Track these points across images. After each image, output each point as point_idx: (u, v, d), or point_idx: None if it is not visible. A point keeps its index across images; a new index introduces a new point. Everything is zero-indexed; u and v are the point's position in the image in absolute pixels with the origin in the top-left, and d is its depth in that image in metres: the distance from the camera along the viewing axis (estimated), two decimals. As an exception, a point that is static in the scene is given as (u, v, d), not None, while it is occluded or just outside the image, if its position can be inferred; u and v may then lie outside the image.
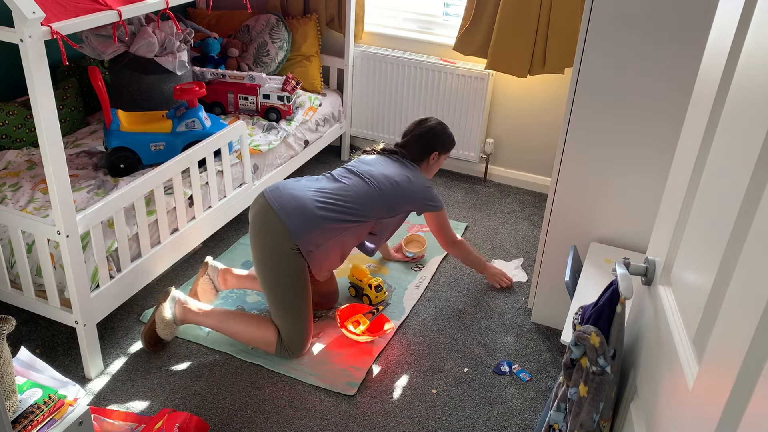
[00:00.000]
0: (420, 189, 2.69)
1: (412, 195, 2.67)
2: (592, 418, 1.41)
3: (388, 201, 2.58)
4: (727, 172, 1.04)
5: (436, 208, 2.76)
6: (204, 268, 2.75)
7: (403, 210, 2.68)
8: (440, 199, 2.78)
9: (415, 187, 2.67)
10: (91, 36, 2.99)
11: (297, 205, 2.42)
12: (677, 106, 2.18)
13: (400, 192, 2.63)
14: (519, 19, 3.38)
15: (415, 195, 2.68)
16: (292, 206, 2.42)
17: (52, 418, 1.71)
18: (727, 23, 1.15)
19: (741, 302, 0.91)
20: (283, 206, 2.41)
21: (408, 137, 2.82)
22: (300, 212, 2.41)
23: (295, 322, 2.47)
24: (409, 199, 2.67)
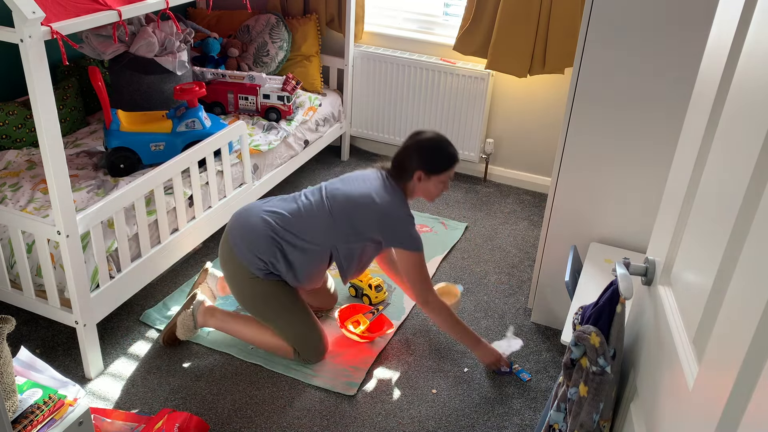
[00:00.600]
0: (384, 212, 2.32)
1: (370, 217, 2.33)
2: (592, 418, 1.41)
3: (341, 225, 2.34)
4: (727, 172, 1.04)
5: (405, 246, 2.35)
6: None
7: (366, 237, 2.36)
8: (415, 238, 2.35)
9: (378, 208, 2.32)
10: (91, 36, 2.99)
11: (245, 228, 2.37)
12: (677, 105, 2.18)
13: (356, 213, 2.33)
14: (519, 19, 3.38)
15: (375, 218, 2.32)
16: (240, 232, 2.37)
17: (52, 418, 1.71)
18: (727, 23, 1.15)
19: (741, 302, 0.91)
20: (232, 232, 2.39)
21: (396, 152, 2.48)
22: (246, 235, 2.35)
23: (297, 334, 2.46)
24: (367, 222, 2.33)
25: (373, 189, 2.36)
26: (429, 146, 2.40)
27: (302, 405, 2.35)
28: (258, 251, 2.34)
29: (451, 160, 2.42)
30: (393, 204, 2.34)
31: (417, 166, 2.38)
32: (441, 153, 2.41)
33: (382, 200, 2.33)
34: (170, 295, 2.84)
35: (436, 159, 2.39)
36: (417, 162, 2.38)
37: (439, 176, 2.40)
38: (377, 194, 2.34)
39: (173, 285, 2.91)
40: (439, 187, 2.43)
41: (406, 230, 2.35)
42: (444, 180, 2.43)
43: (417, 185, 2.41)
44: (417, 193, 2.45)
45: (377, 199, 2.33)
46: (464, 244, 3.35)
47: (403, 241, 2.35)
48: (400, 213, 2.35)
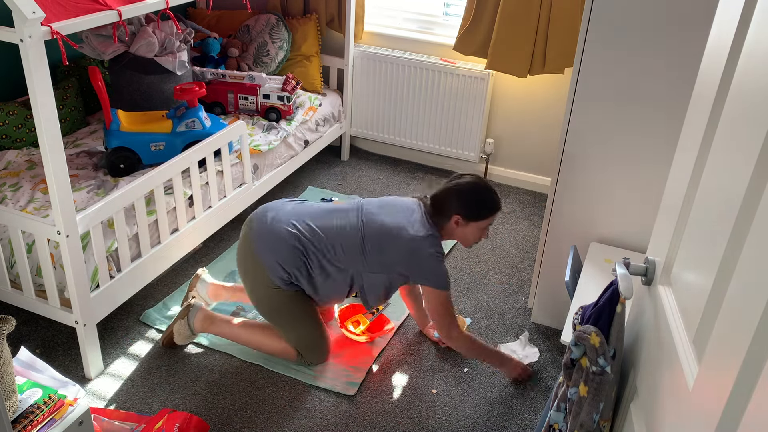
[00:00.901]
0: (414, 247, 2.26)
1: (400, 251, 2.26)
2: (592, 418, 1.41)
3: (371, 253, 2.28)
4: (727, 172, 1.04)
5: (432, 283, 2.29)
6: (195, 280, 2.68)
7: (394, 270, 2.31)
8: (442, 276, 2.29)
9: (409, 243, 2.25)
10: (91, 36, 2.99)
11: (272, 235, 2.32)
12: (677, 105, 2.18)
13: (387, 244, 2.27)
14: (519, 19, 3.38)
15: (404, 252, 2.26)
16: (267, 237, 2.32)
17: (52, 418, 1.71)
18: (727, 23, 1.15)
19: (741, 302, 0.91)
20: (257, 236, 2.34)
21: (435, 191, 2.40)
22: (273, 243, 2.31)
23: (301, 336, 2.44)
24: (396, 255, 2.27)
25: (409, 222, 2.29)
26: (470, 191, 2.34)
27: (302, 405, 2.35)
28: (282, 261, 2.30)
29: (492, 209, 2.35)
30: (425, 240, 2.27)
31: (455, 210, 2.32)
32: (482, 199, 2.34)
33: (415, 235, 2.27)
34: (170, 295, 2.84)
35: (477, 205, 2.33)
36: (456, 206, 2.32)
37: (478, 223, 2.34)
38: (412, 227, 2.28)
39: (173, 285, 2.91)
40: (477, 234, 2.37)
41: (433, 267, 2.28)
42: (483, 227, 2.36)
43: (454, 229, 2.35)
44: (454, 236, 2.39)
45: (411, 231, 2.27)
46: (464, 244, 3.35)
47: (429, 278, 2.29)
48: (431, 250, 2.27)
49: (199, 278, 2.70)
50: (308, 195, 3.72)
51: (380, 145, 4.24)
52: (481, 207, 2.33)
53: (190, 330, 2.50)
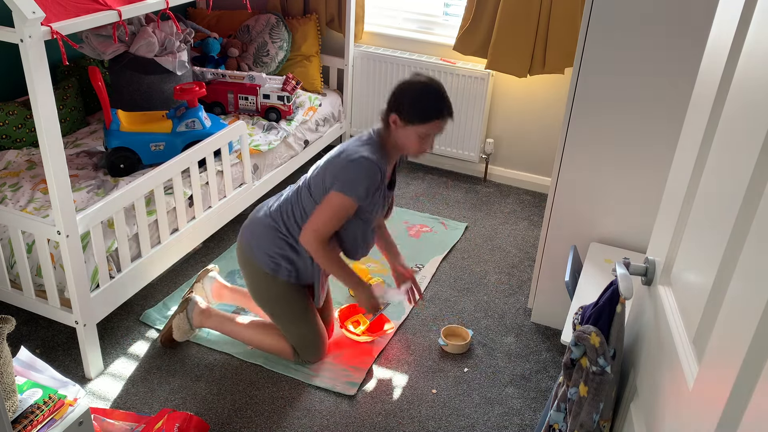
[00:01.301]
0: (345, 156, 2.13)
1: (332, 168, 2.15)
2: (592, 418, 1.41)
3: (317, 195, 2.20)
4: (727, 172, 1.04)
5: (337, 183, 2.12)
6: (203, 273, 2.69)
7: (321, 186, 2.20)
8: (353, 180, 2.09)
9: (341, 156, 2.15)
10: (91, 36, 2.99)
11: (252, 225, 2.38)
12: (677, 106, 2.18)
13: (326, 173, 2.17)
14: (519, 19, 3.38)
15: (335, 166, 2.14)
16: (249, 230, 2.38)
17: (52, 418, 1.71)
18: (727, 23, 1.15)
19: (741, 302, 0.91)
20: (242, 232, 2.41)
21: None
22: (254, 232, 2.36)
23: (299, 333, 2.45)
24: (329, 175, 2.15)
25: (348, 146, 2.17)
26: (412, 90, 2.10)
27: (302, 405, 2.35)
28: (266, 245, 2.33)
29: (432, 112, 2.07)
30: (357, 147, 2.12)
31: (393, 108, 2.11)
32: (423, 100, 2.08)
33: (348, 147, 2.13)
34: (170, 295, 2.84)
35: (415, 105, 2.08)
36: (394, 103, 2.11)
37: (416, 127, 2.09)
38: (348, 146, 2.15)
39: (173, 285, 2.91)
40: (416, 141, 2.11)
41: (348, 168, 2.09)
42: (423, 134, 2.10)
43: (393, 132, 2.13)
44: (396, 142, 2.16)
45: (346, 148, 2.14)
46: (464, 244, 3.35)
47: (337, 177, 2.11)
48: (356, 154, 2.09)
49: (208, 273, 2.70)
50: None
51: (380, 145, 4.24)
52: (419, 108, 2.07)
53: (189, 324, 2.50)
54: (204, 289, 2.67)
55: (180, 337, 2.52)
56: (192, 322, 2.51)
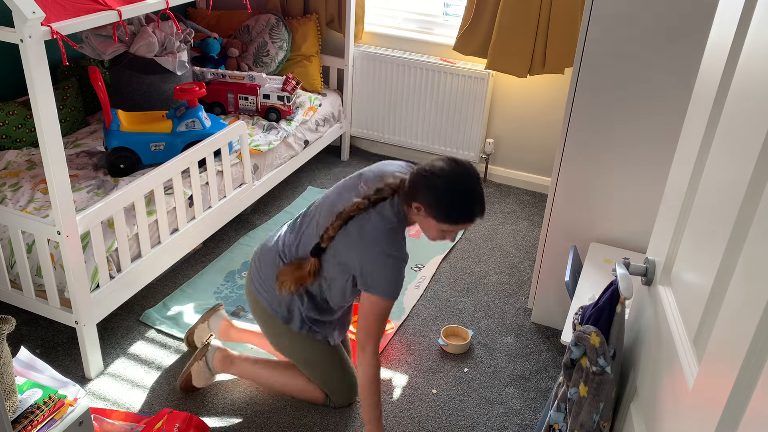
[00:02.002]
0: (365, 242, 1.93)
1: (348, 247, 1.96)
2: (592, 418, 1.41)
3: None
4: (727, 172, 1.04)
5: (378, 289, 1.94)
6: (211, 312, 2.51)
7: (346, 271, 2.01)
8: (394, 282, 1.95)
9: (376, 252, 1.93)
10: (91, 36, 2.99)
11: (262, 273, 2.18)
12: (677, 105, 2.18)
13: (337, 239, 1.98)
14: (519, 19, 3.38)
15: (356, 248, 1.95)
16: (258, 277, 2.19)
17: (52, 418, 1.71)
18: (727, 23, 1.15)
19: (741, 302, 0.91)
20: (252, 279, 2.22)
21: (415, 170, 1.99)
22: (266, 280, 2.16)
23: (326, 378, 2.29)
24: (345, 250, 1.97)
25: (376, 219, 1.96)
26: (447, 183, 1.89)
27: (302, 405, 2.34)
28: (275, 295, 2.15)
29: (466, 216, 1.90)
30: (383, 236, 1.93)
31: (416, 195, 1.91)
32: (458, 200, 1.90)
33: (377, 228, 1.93)
34: (170, 295, 2.84)
35: (448, 205, 1.90)
36: (420, 191, 1.90)
37: (441, 224, 1.92)
38: (376, 225, 1.94)
39: (173, 285, 2.91)
40: (438, 233, 1.96)
41: (384, 270, 1.94)
42: (447, 230, 1.94)
43: (415, 215, 1.96)
44: (414, 221, 2.01)
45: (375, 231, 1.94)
46: (464, 244, 3.35)
47: (377, 282, 1.95)
48: (387, 249, 1.93)
49: (216, 312, 2.54)
50: (308, 195, 3.72)
51: (380, 145, 4.24)
52: (450, 209, 1.90)
53: (210, 371, 2.34)
54: (210, 329, 2.50)
55: (201, 384, 2.34)
56: (213, 370, 2.35)
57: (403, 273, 1.98)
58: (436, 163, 1.91)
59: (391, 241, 1.94)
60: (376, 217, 1.95)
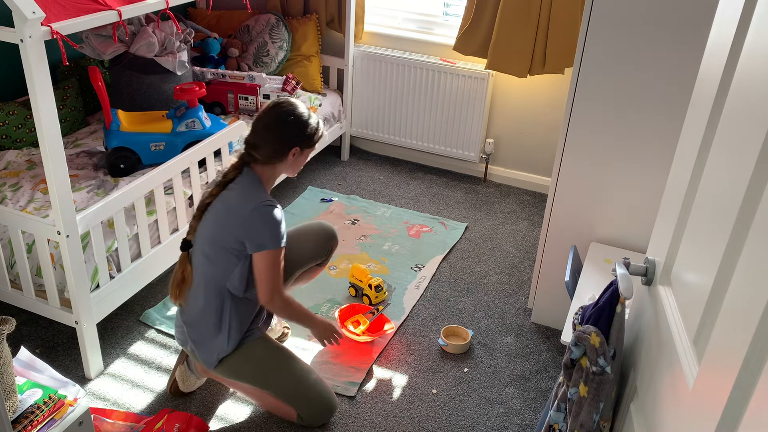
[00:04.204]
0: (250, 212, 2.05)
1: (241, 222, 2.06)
2: (592, 418, 1.41)
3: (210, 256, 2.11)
4: (727, 172, 1.04)
5: (267, 243, 2.06)
6: (182, 355, 2.36)
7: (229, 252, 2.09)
8: (279, 229, 2.07)
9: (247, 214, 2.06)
10: (91, 36, 2.99)
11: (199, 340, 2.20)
12: (677, 105, 2.18)
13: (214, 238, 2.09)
14: (519, 19, 3.38)
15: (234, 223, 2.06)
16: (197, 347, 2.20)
17: (52, 418, 1.71)
18: (727, 23, 1.15)
19: (741, 302, 0.91)
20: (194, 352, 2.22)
21: (258, 130, 2.13)
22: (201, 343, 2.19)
23: (296, 394, 2.21)
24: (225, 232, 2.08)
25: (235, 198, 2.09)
26: (296, 114, 2.12)
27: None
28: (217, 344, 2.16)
29: (318, 130, 2.18)
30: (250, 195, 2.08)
31: (294, 143, 2.11)
32: (310, 123, 2.15)
33: (240, 200, 2.08)
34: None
35: (309, 130, 2.14)
36: (293, 138, 2.11)
37: (311, 149, 2.19)
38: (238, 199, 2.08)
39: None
40: (304, 160, 2.21)
41: (267, 222, 2.06)
42: (310, 152, 2.22)
43: (287, 165, 2.16)
44: (281, 172, 2.19)
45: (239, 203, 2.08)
46: (464, 244, 3.35)
47: (263, 237, 2.06)
48: (259, 201, 2.07)
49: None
50: (308, 195, 3.72)
51: (380, 145, 4.24)
52: (313, 131, 2.15)
53: (194, 375, 2.32)
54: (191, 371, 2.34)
55: (187, 389, 2.34)
56: (196, 374, 2.33)
57: (281, 217, 2.10)
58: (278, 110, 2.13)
59: (257, 197, 2.08)
60: (232, 191, 2.10)
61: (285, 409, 2.23)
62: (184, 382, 2.33)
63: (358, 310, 2.73)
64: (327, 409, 2.24)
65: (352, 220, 3.48)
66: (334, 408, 2.26)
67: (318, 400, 2.22)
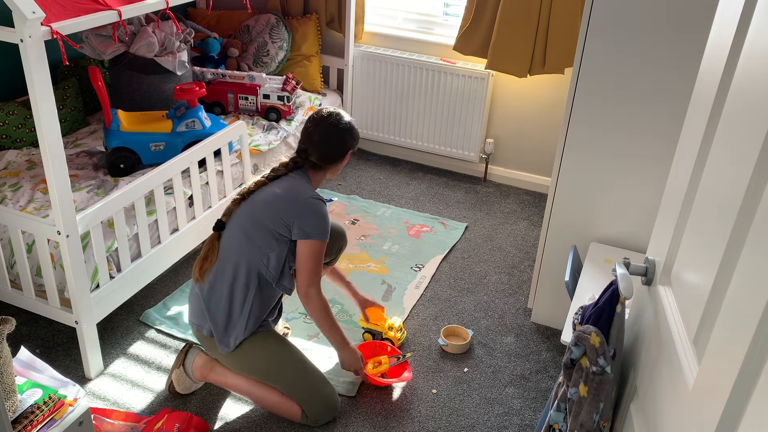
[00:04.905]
0: (303, 200, 2.16)
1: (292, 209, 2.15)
2: (592, 418, 1.41)
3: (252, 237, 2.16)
4: (727, 172, 1.04)
5: (312, 232, 2.15)
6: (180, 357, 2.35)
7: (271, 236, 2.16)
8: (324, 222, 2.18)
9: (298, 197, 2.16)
10: (91, 36, 2.99)
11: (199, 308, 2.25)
12: (677, 105, 2.18)
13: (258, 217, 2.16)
14: (519, 19, 3.38)
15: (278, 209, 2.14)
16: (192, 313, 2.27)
17: (52, 418, 1.71)
18: (727, 23, 1.15)
19: (741, 302, 0.91)
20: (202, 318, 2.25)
21: (314, 137, 2.23)
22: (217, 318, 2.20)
23: (305, 389, 2.22)
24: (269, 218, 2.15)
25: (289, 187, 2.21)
26: (341, 125, 2.26)
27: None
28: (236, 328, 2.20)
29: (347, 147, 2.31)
30: (302, 189, 2.19)
31: (345, 150, 2.29)
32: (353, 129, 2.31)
33: (293, 191, 2.19)
34: (170, 295, 2.84)
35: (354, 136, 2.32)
36: (345, 146, 2.28)
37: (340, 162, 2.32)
38: (291, 190, 2.19)
39: (173, 285, 2.91)
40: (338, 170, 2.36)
41: (315, 212, 2.17)
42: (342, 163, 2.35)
43: (337, 168, 2.33)
44: (328, 175, 2.34)
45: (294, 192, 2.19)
46: (464, 244, 3.35)
47: (309, 226, 2.15)
48: (308, 194, 2.18)
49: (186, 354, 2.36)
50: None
51: (380, 145, 4.24)
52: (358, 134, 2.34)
53: (190, 379, 2.32)
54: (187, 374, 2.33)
55: (184, 391, 2.33)
56: (193, 378, 2.32)
57: (328, 216, 2.22)
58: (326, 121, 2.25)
59: (308, 191, 2.20)
60: (283, 182, 2.22)
61: (288, 406, 2.23)
62: (179, 385, 2.33)
63: (378, 351, 2.53)
64: (332, 407, 2.25)
65: (352, 220, 3.48)
66: (338, 407, 2.28)
67: (325, 397, 2.24)
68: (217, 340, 2.21)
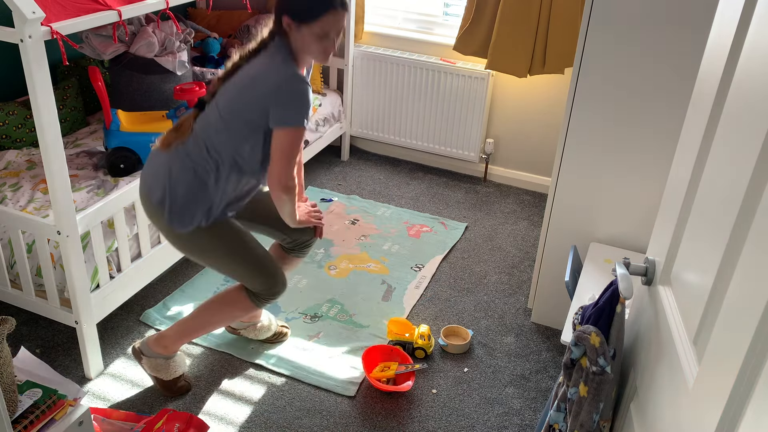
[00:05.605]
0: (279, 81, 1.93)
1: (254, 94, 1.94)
2: (592, 418, 1.41)
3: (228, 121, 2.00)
4: (727, 172, 1.04)
5: (293, 122, 1.95)
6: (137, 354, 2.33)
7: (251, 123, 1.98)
8: (308, 111, 1.97)
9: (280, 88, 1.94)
10: (91, 36, 2.99)
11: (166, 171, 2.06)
12: (677, 105, 2.18)
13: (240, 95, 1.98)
14: (519, 19, 3.38)
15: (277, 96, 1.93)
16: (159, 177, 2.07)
17: (52, 418, 1.71)
18: (727, 23, 1.15)
19: (741, 302, 0.91)
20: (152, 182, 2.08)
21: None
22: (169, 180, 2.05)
23: (247, 272, 2.16)
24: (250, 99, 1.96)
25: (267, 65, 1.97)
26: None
27: (302, 405, 2.35)
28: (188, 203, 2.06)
29: (321, 5, 1.90)
30: (281, 67, 1.95)
31: (283, 11, 1.93)
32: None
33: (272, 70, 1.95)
34: (170, 295, 2.84)
35: (303, 1, 1.92)
36: (283, 5, 1.94)
37: (310, 26, 1.92)
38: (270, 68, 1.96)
39: (173, 285, 2.91)
40: (315, 43, 1.95)
41: (299, 100, 1.95)
42: (319, 33, 1.93)
43: (291, 39, 1.97)
44: (298, 47, 1.99)
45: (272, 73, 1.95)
46: (464, 244, 3.35)
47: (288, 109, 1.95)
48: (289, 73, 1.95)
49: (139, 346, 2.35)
50: (308, 195, 3.72)
51: (380, 145, 4.24)
52: (306, 3, 1.92)
53: (161, 358, 2.29)
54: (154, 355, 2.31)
55: (170, 376, 2.30)
56: (163, 355, 2.29)
57: (311, 98, 2.00)
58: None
59: (289, 69, 1.95)
60: (262, 58, 1.99)
61: (232, 300, 2.20)
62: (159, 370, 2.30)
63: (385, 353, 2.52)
64: (282, 282, 2.20)
65: (352, 220, 3.48)
66: (285, 283, 2.23)
67: (274, 271, 2.18)
68: (168, 212, 2.04)
